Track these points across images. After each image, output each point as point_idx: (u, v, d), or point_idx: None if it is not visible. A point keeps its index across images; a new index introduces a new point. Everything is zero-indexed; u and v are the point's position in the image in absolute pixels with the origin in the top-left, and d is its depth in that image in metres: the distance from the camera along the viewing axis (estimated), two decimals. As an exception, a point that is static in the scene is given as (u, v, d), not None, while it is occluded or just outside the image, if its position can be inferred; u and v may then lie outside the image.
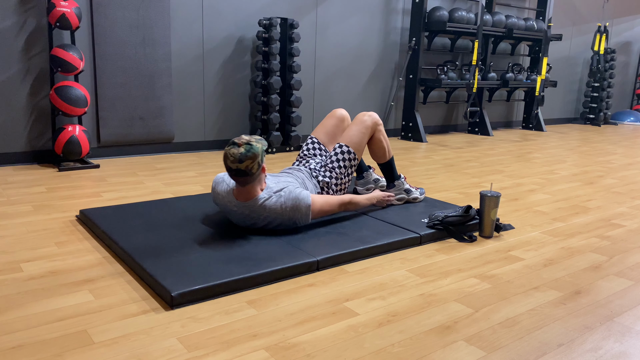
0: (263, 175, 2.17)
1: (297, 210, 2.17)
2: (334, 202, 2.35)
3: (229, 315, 1.60)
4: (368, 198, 2.55)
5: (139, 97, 4.03)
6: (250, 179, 2.09)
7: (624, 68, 8.69)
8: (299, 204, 2.17)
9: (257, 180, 2.14)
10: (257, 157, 2.06)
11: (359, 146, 2.57)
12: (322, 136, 2.76)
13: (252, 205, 2.16)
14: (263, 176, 2.18)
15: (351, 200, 2.43)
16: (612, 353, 1.47)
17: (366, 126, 2.58)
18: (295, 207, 2.17)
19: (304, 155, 2.71)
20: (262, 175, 2.17)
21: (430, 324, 1.59)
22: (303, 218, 2.20)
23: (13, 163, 3.65)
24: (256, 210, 2.16)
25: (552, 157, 4.81)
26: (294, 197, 2.17)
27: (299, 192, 2.19)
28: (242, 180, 2.09)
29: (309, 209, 2.19)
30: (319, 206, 2.27)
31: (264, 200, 2.16)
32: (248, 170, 2.05)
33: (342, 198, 2.39)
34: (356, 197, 2.47)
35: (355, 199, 2.45)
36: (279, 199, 2.16)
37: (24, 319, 1.53)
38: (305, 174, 2.49)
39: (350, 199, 2.42)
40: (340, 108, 2.85)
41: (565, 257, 2.22)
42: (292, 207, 2.16)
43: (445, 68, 5.73)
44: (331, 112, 2.82)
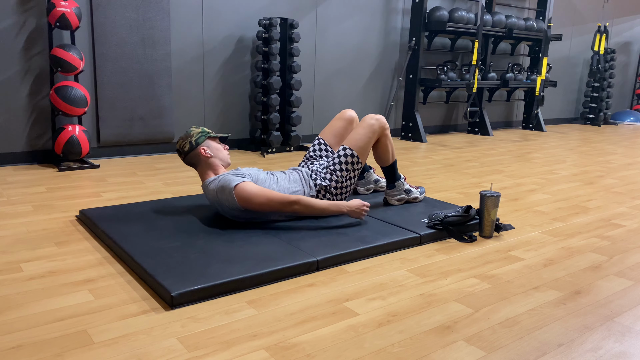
0: (210, 159, 2.36)
1: (222, 192, 2.24)
2: (274, 197, 2.19)
3: (229, 315, 1.60)
4: (336, 205, 2.28)
5: (139, 97, 4.03)
6: (189, 158, 2.37)
7: (624, 68, 8.69)
8: (223, 184, 2.24)
9: (201, 162, 2.36)
10: (189, 137, 2.36)
11: (364, 150, 2.49)
12: (330, 137, 2.73)
13: (204, 187, 2.36)
14: (211, 161, 2.37)
15: (298, 200, 2.20)
16: (612, 353, 1.47)
17: (373, 130, 2.51)
18: (221, 189, 2.24)
19: (309, 157, 2.69)
20: (210, 160, 2.36)
21: (430, 324, 1.59)
22: (229, 200, 2.22)
23: (13, 163, 3.65)
24: (206, 192, 2.35)
25: (552, 157, 4.81)
26: (223, 179, 2.27)
27: (232, 177, 2.26)
28: (183, 160, 2.39)
29: (231, 191, 2.20)
30: (250, 194, 2.17)
31: (209, 182, 2.34)
32: (179, 148, 2.38)
33: (286, 196, 2.20)
34: (310, 200, 2.24)
35: (305, 201, 2.22)
36: (214, 181, 2.31)
37: (24, 319, 1.53)
38: (302, 175, 2.48)
39: (297, 199, 2.20)
40: (349, 109, 2.81)
41: (565, 257, 2.22)
42: (219, 189, 2.25)
43: (445, 68, 5.73)
44: (340, 113, 2.78)
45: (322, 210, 2.26)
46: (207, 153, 2.36)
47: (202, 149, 2.36)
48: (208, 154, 2.36)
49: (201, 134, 2.38)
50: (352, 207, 2.32)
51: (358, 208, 2.32)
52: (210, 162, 2.37)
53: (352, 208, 2.32)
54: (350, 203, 2.32)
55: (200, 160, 2.37)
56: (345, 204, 2.31)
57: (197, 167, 2.39)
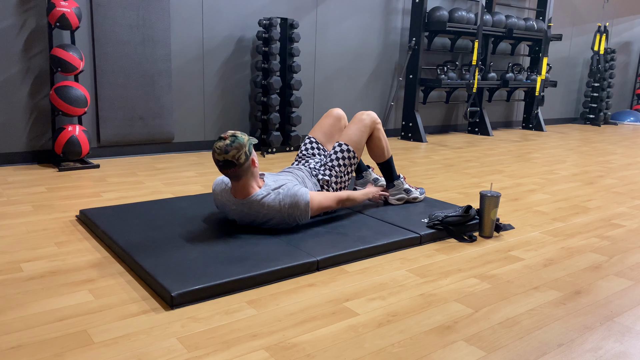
0: (255, 170, 2.17)
1: (295, 207, 2.17)
2: (332, 198, 2.36)
3: (229, 315, 1.60)
4: (364, 193, 2.58)
5: (139, 97, 4.03)
6: (240, 170, 2.09)
7: (624, 68, 8.69)
8: (298, 200, 2.17)
9: (249, 174, 2.13)
10: (243, 148, 2.07)
11: (358, 145, 2.58)
12: (320, 136, 2.76)
13: (251, 202, 2.16)
14: (256, 171, 2.17)
15: (349, 196, 2.45)
16: (612, 353, 1.47)
17: (365, 125, 2.59)
18: (293, 204, 2.17)
19: (302, 156, 2.71)
20: (254, 170, 2.16)
21: (430, 324, 1.59)
22: (302, 215, 2.20)
23: (13, 163, 3.65)
24: (255, 207, 2.16)
25: (552, 157, 4.81)
26: (293, 194, 2.17)
27: (298, 189, 2.19)
28: (231, 172, 2.09)
29: (307, 205, 2.19)
30: (318, 202, 2.27)
31: (262, 197, 2.15)
32: (235, 160, 2.05)
33: (339, 194, 2.41)
34: (353, 193, 2.49)
35: (352, 195, 2.47)
36: (277, 196, 2.16)
37: (24, 319, 1.53)
38: (305, 173, 2.49)
39: (347, 195, 2.44)
40: (336, 107, 2.85)
41: (565, 257, 2.22)
42: (290, 204, 2.16)
43: (445, 68, 5.73)
44: (328, 112, 2.82)
45: (361, 201, 2.55)
46: (256, 164, 2.17)
47: (252, 159, 2.14)
48: (256, 165, 2.18)
49: (250, 142, 2.14)
50: (374, 192, 2.67)
51: (377, 193, 2.69)
52: (255, 172, 2.18)
53: (374, 193, 2.67)
54: (372, 190, 2.66)
55: (249, 172, 2.13)
56: (369, 191, 2.63)
57: (241, 179, 2.13)
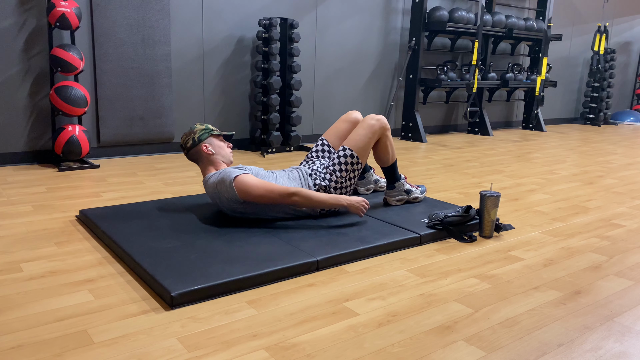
0: (212, 156, 2.39)
1: (222, 184, 2.26)
2: (274, 188, 2.20)
3: (229, 315, 1.60)
4: (335, 198, 2.28)
5: (139, 97, 4.03)
6: (190, 154, 2.42)
7: (624, 68, 8.69)
8: (223, 177, 2.26)
9: (203, 158, 2.40)
10: (192, 134, 2.40)
11: (364, 151, 2.48)
12: (333, 139, 2.70)
13: (205, 182, 2.39)
14: (213, 157, 2.39)
15: (298, 192, 2.21)
16: (612, 353, 1.47)
17: (373, 131, 2.50)
18: (221, 181, 2.26)
19: (311, 157, 2.68)
20: (211, 157, 2.39)
21: (430, 324, 1.59)
22: (229, 192, 2.24)
23: (13, 163, 3.65)
24: (207, 188, 2.37)
25: (552, 157, 4.81)
26: (223, 171, 2.29)
27: (232, 169, 2.28)
28: (186, 155, 2.44)
29: (231, 182, 2.22)
30: (250, 185, 2.19)
31: (209, 177, 2.37)
32: (182, 144, 2.42)
33: (286, 188, 2.21)
34: (309, 192, 2.24)
35: (304, 192, 2.22)
36: (215, 175, 2.33)
37: (24, 319, 1.53)
38: (302, 174, 2.47)
39: (296, 190, 2.21)
40: (354, 111, 2.77)
41: (565, 257, 2.22)
42: (219, 181, 2.27)
43: (445, 68, 5.74)
44: (345, 115, 2.75)
45: (321, 203, 2.26)
46: (209, 150, 2.39)
47: (204, 145, 2.39)
48: (210, 151, 2.39)
49: (204, 130, 2.41)
50: (352, 201, 2.30)
51: (358, 203, 2.31)
52: (212, 159, 2.40)
53: (352, 202, 2.30)
54: (351, 198, 2.32)
55: (202, 156, 2.40)
56: (345, 198, 2.31)
57: (199, 164, 2.43)
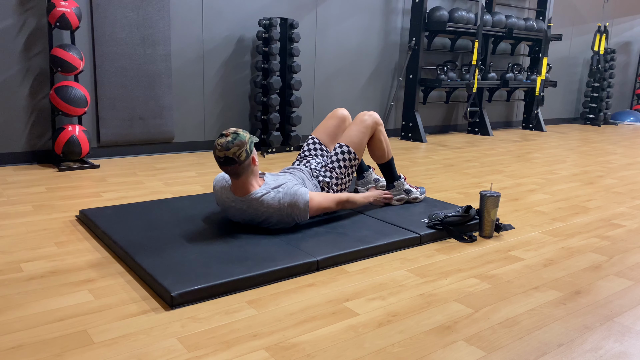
0: (255, 168, 2.17)
1: (295, 206, 2.17)
2: (332, 199, 2.36)
3: (229, 315, 1.60)
4: (365, 196, 2.57)
5: (139, 97, 4.03)
6: (240, 168, 2.10)
7: (624, 68, 8.69)
8: (297, 199, 2.17)
9: (249, 171, 2.14)
10: (244, 145, 2.08)
11: (359, 146, 2.56)
12: (323, 136, 2.75)
13: (250, 200, 2.16)
14: (256, 169, 2.18)
15: (349, 198, 2.44)
16: (612, 353, 1.47)
17: (366, 126, 2.57)
18: (293, 203, 2.16)
19: (304, 155, 2.70)
20: (255, 168, 2.17)
21: (430, 324, 1.59)
22: (301, 214, 2.20)
23: (13, 163, 3.65)
24: (254, 205, 2.16)
25: (552, 157, 4.81)
26: (292, 193, 2.17)
27: (298, 188, 2.19)
28: (231, 169, 2.10)
29: (307, 205, 2.19)
30: (317, 203, 2.27)
31: (261, 195, 2.15)
32: (236, 157, 2.06)
33: (339, 196, 2.41)
34: (354, 196, 2.48)
35: (352, 198, 2.47)
36: (277, 194, 2.16)
37: (24, 319, 1.53)
38: (306, 174, 2.48)
39: (347, 197, 2.44)
40: (341, 108, 2.84)
41: (565, 257, 2.22)
42: (290, 203, 2.16)
43: (445, 68, 5.73)
44: (332, 112, 2.81)
45: (361, 203, 2.54)
46: (256, 162, 2.18)
47: (253, 157, 2.15)
48: (256, 164, 2.19)
49: (251, 140, 2.15)
50: (375, 196, 2.66)
51: (379, 196, 2.68)
52: (256, 171, 2.19)
53: (376, 197, 2.66)
54: (374, 193, 2.66)
55: (249, 170, 2.14)
56: (371, 194, 2.62)
57: (240, 177, 2.14)
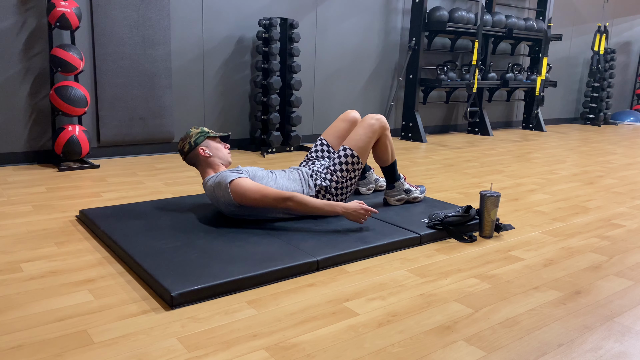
0: (209, 159, 2.40)
1: (217, 187, 2.27)
2: (268, 193, 2.18)
3: (229, 315, 1.60)
4: (331, 205, 2.20)
5: (139, 97, 4.03)
6: (189, 158, 2.43)
7: (624, 68, 8.69)
8: (220, 180, 2.27)
9: (200, 161, 2.42)
10: (188, 138, 2.42)
11: (364, 150, 2.48)
12: (332, 139, 2.72)
13: (204, 185, 2.40)
14: (210, 160, 2.41)
15: (292, 197, 2.17)
16: (612, 353, 1.47)
17: (373, 130, 2.50)
18: (217, 184, 2.27)
19: (310, 157, 2.69)
20: (209, 159, 2.40)
21: (430, 324, 1.59)
22: (225, 196, 2.25)
23: (13, 163, 3.65)
24: (206, 189, 2.38)
25: (552, 157, 4.81)
26: (220, 175, 2.30)
27: (229, 173, 2.29)
28: (184, 160, 2.45)
29: (227, 186, 2.23)
30: (245, 189, 2.19)
31: (207, 179, 2.38)
32: (181, 149, 2.44)
33: (281, 192, 2.18)
34: (304, 198, 2.20)
35: (298, 198, 2.18)
36: (213, 177, 2.35)
37: (24, 319, 1.53)
38: (303, 175, 2.48)
39: (290, 195, 2.17)
40: (352, 110, 2.79)
41: (565, 257, 2.22)
42: (216, 184, 2.28)
43: (445, 68, 5.73)
44: (343, 114, 2.77)
45: (316, 209, 2.20)
46: (206, 153, 2.41)
47: (201, 149, 2.41)
48: (207, 154, 2.41)
49: (200, 134, 2.43)
50: (348, 209, 2.19)
51: (355, 211, 2.19)
52: (210, 161, 2.42)
53: (349, 210, 2.19)
54: (348, 205, 2.20)
55: (200, 160, 2.42)
56: (341, 205, 2.20)
57: (198, 167, 2.45)
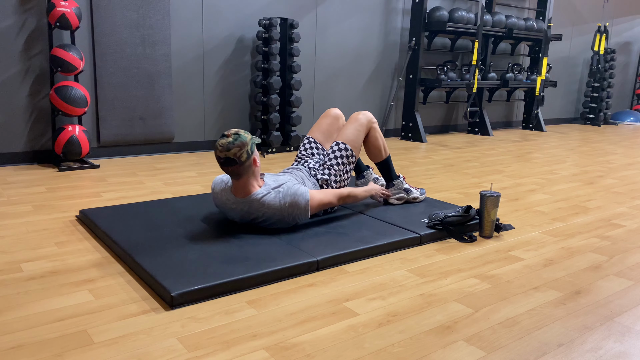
0: (256, 169, 2.17)
1: (295, 206, 2.17)
2: (333, 194, 2.37)
3: (229, 315, 1.60)
4: (366, 190, 2.58)
5: (139, 97, 4.03)
6: (241, 169, 2.10)
7: (624, 68, 8.69)
8: (298, 199, 2.17)
9: (250, 172, 2.13)
10: (245, 146, 2.08)
11: (356, 143, 2.60)
12: (318, 135, 2.77)
13: (251, 201, 2.16)
14: (257, 170, 2.17)
15: (350, 193, 2.45)
16: (612, 353, 1.47)
17: (361, 124, 2.63)
18: (294, 203, 2.17)
19: (302, 156, 2.71)
20: (256, 169, 2.16)
21: (430, 324, 1.59)
22: (302, 214, 2.21)
23: (13, 163, 3.65)
24: (255, 206, 2.16)
25: (552, 157, 4.81)
26: (293, 193, 2.17)
27: (298, 187, 2.20)
28: (232, 170, 2.09)
29: (307, 204, 2.19)
30: (318, 200, 2.28)
31: (262, 195, 2.15)
32: (237, 158, 2.06)
33: (340, 191, 2.41)
34: (355, 190, 2.49)
35: (354, 192, 2.47)
36: (278, 195, 2.16)
37: (24, 319, 1.53)
38: (305, 173, 2.49)
39: (349, 191, 2.45)
40: (333, 107, 2.89)
41: (565, 257, 2.22)
42: (291, 203, 2.17)
43: (445, 68, 5.73)
44: (325, 112, 2.84)
45: (362, 197, 2.55)
46: (258, 163, 2.17)
47: (254, 158, 2.14)
48: (258, 164, 2.17)
49: (252, 141, 2.14)
50: (376, 190, 2.67)
51: (379, 190, 2.69)
52: (257, 172, 2.18)
53: (377, 191, 2.67)
54: (376, 187, 2.67)
55: (249, 170, 2.13)
56: (371, 188, 2.63)
57: (241, 178, 2.13)
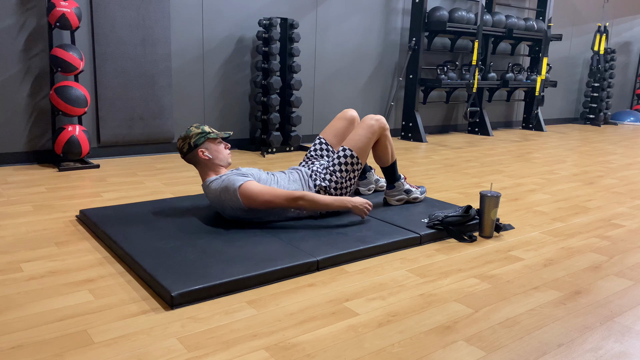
0: (206, 160, 2.34)
1: (225, 191, 2.23)
2: (279, 194, 2.21)
3: (229, 315, 1.60)
4: (343, 200, 2.31)
5: (139, 97, 4.03)
6: (189, 158, 2.37)
7: (624, 68, 8.69)
8: (227, 185, 2.23)
9: (200, 162, 2.36)
10: (188, 139, 2.35)
11: (364, 151, 2.48)
12: (331, 137, 2.72)
13: (205, 187, 2.36)
14: (209, 161, 2.35)
15: (303, 196, 2.21)
16: (612, 353, 1.47)
17: (373, 131, 2.49)
18: (224, 188, 2.24)
19: (310, 156, 2.69)
20: (206, 160, 2.35)
21: (430, 324, 1.59)
22: (233, 201, 2.22)
23: (13, 163, 3.65)
24: (207, 192, 2.34)
25: (552, 157, 4.81)
26: (226, 179, 2.27)
27: (235, 177, 2.25)
28: (184, 159, 2.39)
29: (235, 191, 2.20)
30: (255, 192, 2.19)
31: (209, 182, 2.33)
32: (179, 149, 2.38)
33: (291, 192, 2.22)
34: (315, 195, 2.25)
35: (309, 196, 2.22)
36: (217, 181, 2.30)
37: (24, 319, 1.53)
38: (303, 175, 2.47)
39: (302, 194, 2.21)
40: (350, 109, 2.79)
41: (565, 257, 2.22)
42: (222, 189, 2.25)
43: (445, 68, 5.73)
44: (341, 113, 2.78)
45: (326, 206, 2.29)
46: (206, 155, 2.34)
47: (201, 151, 2.34)
48: (206, 156, 2.34)
49: (200, 135, 2.35)
50: (355, 203, 2.33)
51: (361, 205, 2.34)
52: (210, 163, 2.36)
53: (356, 204, 2.33)
54: (354, 199, 2.34)
55: (199, 161, 2.37)
56: (349, 200, 2.33)
57: (197, 167, 2.40)
